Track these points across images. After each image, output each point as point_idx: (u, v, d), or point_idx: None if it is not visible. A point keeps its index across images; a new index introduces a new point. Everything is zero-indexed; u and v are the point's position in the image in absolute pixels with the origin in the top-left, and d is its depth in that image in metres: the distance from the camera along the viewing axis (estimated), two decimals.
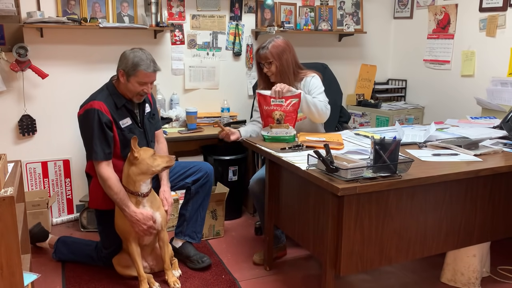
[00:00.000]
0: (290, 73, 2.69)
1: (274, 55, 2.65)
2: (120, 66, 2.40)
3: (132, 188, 2.37)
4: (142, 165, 2.34)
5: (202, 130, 3.46)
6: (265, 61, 2.67)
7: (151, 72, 2.40)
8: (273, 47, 2.65)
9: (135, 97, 2.46)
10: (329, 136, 2.53)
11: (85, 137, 2.42)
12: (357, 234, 2.01)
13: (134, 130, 2.50)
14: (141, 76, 2.38)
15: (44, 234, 2.91)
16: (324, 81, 2.85)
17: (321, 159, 1.92)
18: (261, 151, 2.48)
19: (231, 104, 3.71)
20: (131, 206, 2.34)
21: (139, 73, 2.37)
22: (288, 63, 2.66)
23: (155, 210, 2.43)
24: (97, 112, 2.35)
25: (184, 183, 2.73)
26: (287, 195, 2.46)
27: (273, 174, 2.53)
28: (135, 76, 2.38)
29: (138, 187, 2.36)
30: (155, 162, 2.36)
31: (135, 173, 2.34)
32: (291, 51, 2.71)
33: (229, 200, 3.26)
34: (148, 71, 2.38)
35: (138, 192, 2.36)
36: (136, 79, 2.39)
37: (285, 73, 2.68)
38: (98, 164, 2.38)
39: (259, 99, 2.57)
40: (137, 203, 2.37)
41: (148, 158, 2.35)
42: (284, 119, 2.52)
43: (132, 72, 2.37)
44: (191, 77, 3.68)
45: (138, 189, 2.37)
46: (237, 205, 3.55)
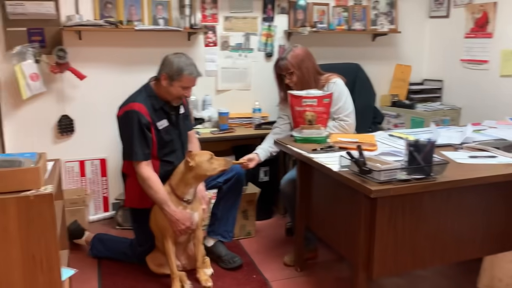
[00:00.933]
0: (311, 81, 2.68)
1: (294, 64, 2.64)
2: (164, 70, 2.43)
3: (181, 192, 2.38)
4: (199, 169, 2.35)
5: (234, 130, 3.47)
6: (286, 72, 2.66)
7: (195, 77, 2.45)
8: (292, 57, 2.65)
9: (174, 100, 2.49)
10: (362, 137, 2.50)
11: (125, 137, 2.45)
12: (390, 237, 1.99)
13: (170, 132, 2.53)
14: (185, 80, 2.42)
15: (81, 231, 2.96)
16: (357, 81, 2.91)
17: (353, 160, 1.91)
18: (292, 152, 2.47)
19: (263, 105, 3.70)
20: (171, 205, 2.36)
21: (183, 77, 2.41)
22: (308, 71, 2.66)
23: (194, 210, 2.45)
24: (137, 114, 2.38)
25: (216, 183, 2.74)
26: (318, 196, 2.45)
27: (304, 175, 2.52)
28: (178, 81, 2.41)
29: (187, 191, 2.39)
30: (211, 165, 2.37)
31: (190, 176, 2.37)
32: (310, 58, 2.70)
33: (260, 201, 3.26)
34: (192, 76, 2.42)
35: (184, 198, 2.39)
36: (180, 83, 2.42)
37: (306, 81, 2.67)
38: (138, 164, 2.40)
39: (291, 99, 2.57)
40: (177, 204, 2.40)
41: (205, 162, 2.36)
42: (316, 120, 2.52)
43: (176, 77, 2.40)
44: (224, 78, 3.69)
45: (186, 193, 2.39)
46: (268, 206, 3.55)
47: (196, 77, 2.46)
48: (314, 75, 2.69)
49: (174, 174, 2.40)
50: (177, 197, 2.39)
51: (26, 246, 1.64)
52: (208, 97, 3.63)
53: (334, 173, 2.03)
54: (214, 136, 3.35)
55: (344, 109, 2.72)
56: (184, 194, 2.40)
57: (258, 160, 2.74)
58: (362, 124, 3.09)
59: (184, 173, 2.36)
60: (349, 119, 2.72)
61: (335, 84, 2.71)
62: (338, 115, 2.72)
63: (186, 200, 2.40)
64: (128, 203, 2.62)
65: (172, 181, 2.42)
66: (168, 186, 2.42)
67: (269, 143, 2.79)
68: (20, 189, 1.65)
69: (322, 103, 2.54)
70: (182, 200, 2.40)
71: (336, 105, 2.68)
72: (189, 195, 2.41)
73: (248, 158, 2.71)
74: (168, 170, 2.51)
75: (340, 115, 2.72)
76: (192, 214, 2.43)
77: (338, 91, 2.69)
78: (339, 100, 2.70)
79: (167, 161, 2.56)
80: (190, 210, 2.42)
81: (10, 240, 1.62)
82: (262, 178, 3.45)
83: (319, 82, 2.72)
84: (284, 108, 2.86)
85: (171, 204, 2.37)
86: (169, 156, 2.57)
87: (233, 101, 3.74)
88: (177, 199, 2.40)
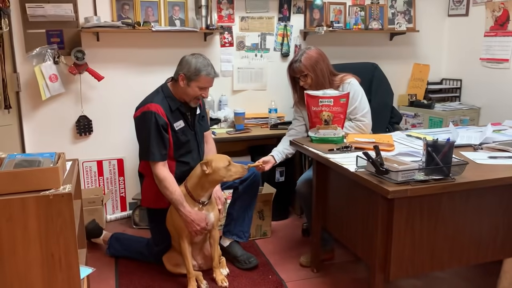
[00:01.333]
0: (326, 82, 2.67)
1: (308, 67, 2.62)
2: (181, 70, 2.43)
3: (197, 194, 2.39)
4: (215, 175, 2.35)
5: (250, 130, 3.47)
6: (300, 74, 2.65)
7: (212, 78, 2.46)
8: (306, 59, 2.63)
9: (192, 101, 2.50)
10: (379, 137, 2.48)
11: (142, 138, 2.46)
12: (408, 238, 1.97)
13: (186, 132, 2.54)
14: (203, 81, 2.43)
15: (98, 231, 2.98)
16: (374, 81, 2.88)
17: (370, 160, 1.90)
18: (308, 152, 2.46)
19: (279, 105, 3.68)
20: (186, 206, 2.37)
21: (201, 78, 2.41)
22: (323, 72, 2.64)
23: (210, 210, 2.46)
24: (154, 115, 2.39)
25: (232, 183, 2.72)
26: (335, 197, 2.44)
27: (320, 175, 2.51)
28: (196, 81, 2.42)
29: (203, 194, 2.39)
30: (228, 173, 2.37)
31: (206, 181, 2.37)
32: (324, 59, 2.68)
33: (276, 201, 3.25)
34: (209, 76, 2.44)
35: (200, 200, 2.40)
36: (197, 84, 2.43)
37: (321, 83, 2.65)
38: (154, 165, 2.41)
39: (307, 99, 2.54)
40: (193, 205, 2.41)
41: (222, 169, 2.35)
42: (332, 120, 2.50)
43: (194, 77, 2.41)
44: (240, 79, 3.69)
45: (202, 196, 2.39)
46: (284, 206, 3.54)
47: (214, 77, 2.47)
48: (328, 76, 2.68)
49: (191, 176, 2.41)
50: (192, 199, 2.40)
51: (45, 244, 1.66)
52: (224, 97, 3.63)
53: (351, 173, 2.02)
54: (230, 136, 3.34)
55: (360, 109, 2.70)
56: (199, 197, 2.41)
57: (273, 162, 2.73)
58: (379, 124, 3.07)
59: (200, 177, 2.36)
60: (365, 119, 2.70)
61: (350, 85, 2.70)
62: (354, 115, 2.71)
63: (202, 202, 2.41)
64: (145, 203, 2.63)
65: (188, 183, 2.42)
66: (184, 187, 2.43)
67: (285, 145, 2.78)
68: (39, 188, 1.67)
69: (339, 103, 2.51)
70: (197, 202, 2.41)
71: (352, 105, 2.67)
72: (205, 197, 2.42)
73: (263, 160, 2.69)
74: (184, 170, 2.52)
75: (357, 115, 2.70)
76: (207, 215, 2.43)
77: (353, 91, 2.67)
78: (355, 100, 2.68)
79: (183, 161, 2.57)
80: (205, 211, 2.43)
81: (30, 239, 1.64)
82: (278, 179, 3.44)
83: (334, 83, 2.71)
84: (299, 110, 2.87)
85: (186, 205, 2.37)
86: (185, 157, 2.58)
87: (249, 101, 3.73)
88: (192, 200, 2.41)
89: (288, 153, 2.78)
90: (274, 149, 2.79)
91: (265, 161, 2.70)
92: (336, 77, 2.74)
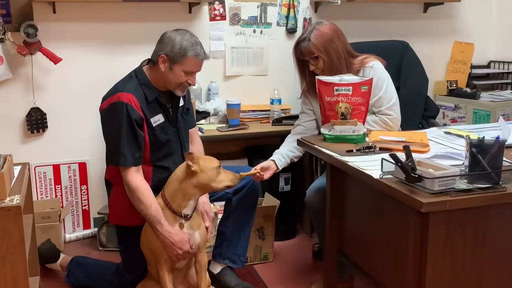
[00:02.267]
0: (342, 66, 2.68)
1: (320, 47, 2.64)
2: (163, 51, 2.44)
3: (177, 204, 2.39)
4: (203, 176, 2.36)
5: (247, 127, 3.47)
6: (309, 57, 2.67)
7: (202, 60, 2.47)
8: (317, 37, 2.64)
9: (177, 89, 2.51)
10: (410, 135, 2.47)
11: (110, 137, 2.48)
12: (447, 261, 1.97)
13: (167, 130, 2.55)
14: (190, 64, 2.44)
15: (55, 253, 2.98)
16: (403, 64, 2.93)
17: (399, 165, 1.90)
18: (321, 154, 2.47)
19: (283, 94, 3.66)
20: (165, 225, 2.36)
21: (188, 60, 2.43)
22: (338, 53, 2.67)
23: (195, 228, 2.46)
24: (125, 107, 2.39)
25: (224, 194, 2.73)
26: (354, 210, 2.46)
27: (336, 183, 2.53)
28: (181, 64, 2.43)
29: (185, 203, 2.39)
30: (218, 177, 2.39)
31: (190, 185, 2.37)
32: (340, 37, 2.70)
33: (280, 216, 3.26)
34: (198, 58, 2.44)
35: (181, 212, 2.40)
36: (183, 67, 2.44)
37: (336, 67, 2.67)
38: (126, 171, 2.42)
39: (319, 87, 2.53)
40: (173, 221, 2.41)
41: (211, 170, 2.38)
42: (351, 114, 2.50)
43: (179, 59, 2.42)
44: (234, 61, 3.69)
45: (184, 206, 2.40)
46: (290, 222, 3.57)
47: (204, 59, 2.49)
48: (345, 58, 2.70)
49: (169, 182, 2.41)
50: (172, 212, 2.40)
51: None
52: (214, 84, 3.62)
53: (375, 181, 2.03)
54: (222, 134, 3.34)
55: (385, 100, 2.70)
56: (181, 208, 2.40)
57: (275, 169, 2.73)
58: (411, 118, 3.07)
59: (183, 180, 2.37)
60: (392, 112, 2.70)
61: (373, 69, 2.71)
62: (379, 107, 2.72)
63: (184, 215, 2.41)
64: (114, 219, 2.64)
65: (166, 192, 2.42)
66: (161, 198, 2.42)
67: (289, 146, 2.80)
68: None
69: (360, 92, 2.50)
70: (179, 216, 2.41)
71: (375, 95, 2.67)
72: (188, 208, 2.41)
73: (262, 166, 2.70)
74: (162, 178, 2.52)
75: (381, 108, 2.71)
76: (191, 235, 2.43)
77: (377, 77, 2.67)
78: (379, 88, 2.68)
79: (162, 166, 2.58)
80: (189, 229, 2.43)
81: None
82: (283, 187, 3.45)
83: (352, 67, 2.72)
84: (308, 101, 2.88)
85: (165, 223, 2.37)
86: (165, 161, 2.59)
87: (246, 89, 3.73)
88: (172, 214, 2.40)
89: (294, 156, 2.80)
90: (276, 152, 2.80)
91: (264, 168, 2.71)
92: (356, 60, 2.75)
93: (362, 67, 2.72)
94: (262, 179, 2.69)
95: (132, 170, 2.42)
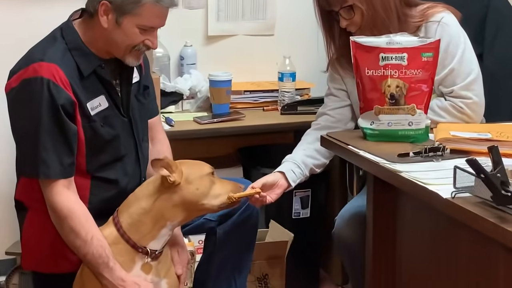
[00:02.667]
0: (392, 20, 2.48)
1: None
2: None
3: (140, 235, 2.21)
4: (188, 190, 2.18)
5: (242, 117, 3.19)
6: (339, 7, 2.49)
7: (166, 8, 2.28)
8: None
9: (128, 55, 2.30)
10: (500, 130, 2.24)
11: (23, 133, 2.27)
12: None
13: (113, 120, 2.33)
14: (147, 14, 2.23)
15: None
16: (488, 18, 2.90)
17: (482, 177, 1.66)
18: (358, 159, 2.27)
19: (299, 65, 3.35)
20: (115, 269, 2.16)
21: (145, 8, 2.22)
22: (385, 2, 2.50)
23: (161, 275, 2.29)
24: (47, 85, 2.17)
25: (204, 221, 2.52)
26: (411, 248, 2.28)
27: (382, 206, 2.31)
28: (135, 15, 2.23)
29: (155, 233, 2.21)
30: (212, 189, 2.20)
31: (168, 204, 2.19)
32: None
33: (295, 257, 3.08)
34: (162, 4, 2.25)
35: (146, 247, 2.21)
36: (137, 20, 2.24)
37: (382, 21, 2.47)
38: (50, 186, 2.21)
39: (356, 54, 2.28)
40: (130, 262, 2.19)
41: (201, 179, 2.20)
42: (406, 96, 2.25)
43: (131, 7, 2.22)
44: (220, 13, 3.41)
45: (151, 238, 2.21)
46: (311, 266, 3.35)
47: (169, 7, 2.28)
48: (396, 8, 2.48)
49: (129, 202, 2.23)
50: (131, 247, 2.17)
51: None
52: (190, 49, 3.36)
53: (443, 202, 1.80)
54: (202, 128, 3.09)
55: (461, 75, 2.45)
56: (146, 240, 2.17)
57: (284, 186, 2.50)
58: (501, 103, 2.90)
59: (156, 198, 2.18)
60: (471, 94, 2.45)
61: (442, 25, 2.48)
62: (450, 86, 2.46)
63: (151, 251, 2.19)
64: (30, 263, 2.38)
65: (122, 216, 2.22)
66: (113, 226, 2.22)
67: (308, 150, 2.60)
68: None
69: (420, 62, 2.25)
70: (141, 252, 2.17)
71: (445, 66, 2.44)
72: (158, 241, 2.20)
73: (264, 183, 2.45)
74: (107, 197, 2.33)
75: (455, 87, 2.45)
76: (157, 285, 2.25)
77: (449, 39, 2.45)
78: (451, 56, 2.46)
79: (105, 179, 2.35)
80: (154, 275, 2.23)
81: None
82: (299, 212, 3.23)
83: (409, 22, 2.51)
84: (338, 77, 2.68)
85: (116, 266, 2.16)
86: (110, 170, 2.37)
87: (240, 58, 3.48)
88: (131, 250, 2.18)
89: (316, 164, 2.58)
90: (287, 159, 2.59)
91: (267, 185, 2.47)
92: (414, 11, 2.54)
93: (424, 22, 2.51)
94: (264, 203, 2.46)
95: (60, 185, 2.19)
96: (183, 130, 3.03)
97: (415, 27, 2.49)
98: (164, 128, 2.67)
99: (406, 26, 2.48)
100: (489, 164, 1.69)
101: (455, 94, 2.46)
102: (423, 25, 2.50)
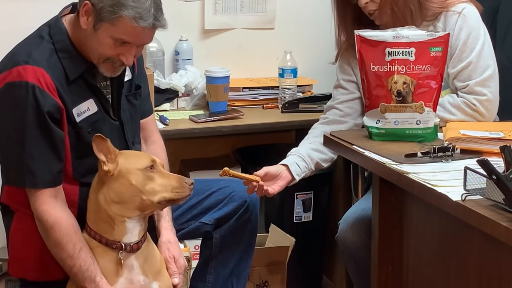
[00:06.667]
0: (414, 10, 2.47)
1: None
2: None
3: (108, 233, 2.22)
4: (120, 184, 2.18)
5: (241, 115, 3.18)
6: None
7: (147, 28, 2.20)
8: None
9: (102, 66, 2.27)
10: None
11: (8, 141, 2.26)
12: None
13: (101, 125, 2.33)
14: (122, 28, 2.19)
15: None
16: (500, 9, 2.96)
17: (494, 178, 1.68)
18: (364, 160, 2.31)
19: (301, 60, 3.36)
20: (100, 282, 2.18)
21: (121, 22, 2.17)
22: None
23: (151, 278, 2.29)
24: (32, 91, 2.16)
25: (199, 224, 2.53)
26: (420, 254, 2.30)
27: (388, 210, 2.36)
28: (111, 25, 2.20)
29: (119, 229, 2.21)
30: (148, 183, 2.17)
31: (108, 200, 2.19)
32: None
33: (296, 263, 3.10)
34: (139, 24, 2.16)
35: (120, 242, 2.20)
36: (112, 31, 2.20)
37: (400, 11, 2.47)
38: (37, 196, 2.21)
39: (360, 48, 2.33)
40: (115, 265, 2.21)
41: (135, 173, 2.18)
42: (414, 93, 2.30)
43: (107, 16, 2.18)
44: (217, 5, 3.42)
45: (119, 235, 2.21)
46: (313, 273, 3.37)
47: (150, 28, 2.21)
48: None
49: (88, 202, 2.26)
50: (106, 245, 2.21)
51: None
52: (186, 44, 3.36)
53: (453, 205, 1.82)
54: (199, 127, 3.09)
55: (478, 70, 2.46)
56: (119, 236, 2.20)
57: (288, 179, 2.50)
58: None
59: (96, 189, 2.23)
60: (487, 90, 2.44)
61: (462, 17, 2.50)
62: (466, 81, 2.47)
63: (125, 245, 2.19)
64: (16, 270, 2.38)
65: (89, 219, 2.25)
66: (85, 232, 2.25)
67: (315, 143, 2.59)
68: None
69: (428, 57, 2.29)
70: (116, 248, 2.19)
71: (462, 59, 2.45)
72: (131, 235, 2.21)
73: (266, 172, 2.45)
74: None
75: (470, 82, 2.45)
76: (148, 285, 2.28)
77: (469, 31, 2.47)
78: (470, 49, 2.46)
79: None
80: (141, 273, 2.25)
81: None
82: (300, 215, 3.25)
83: (429, 6, 2.52)
84: (348, 68, 2.70)
85: (100, 279, 2.18)
86: None
87: (238, 53, 3.50)
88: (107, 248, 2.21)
89: (322, 159, 2.59)
90: (292, 152, 2.60)
91: (270, 175, 2.48)
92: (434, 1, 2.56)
93: (444, 12, 2.53)
94: (266, 193, 2.48)
95: (47, 194, 2.20)
96: (178, 129, 3.05)
97: (435, 13, 2.50)
98: (158, 127, 2.69)
99: (426, 7, 2.48)
100: (501, 165, 1.71)
101: (469, 90, 2.46)
102: (442, 14, 2.51)
